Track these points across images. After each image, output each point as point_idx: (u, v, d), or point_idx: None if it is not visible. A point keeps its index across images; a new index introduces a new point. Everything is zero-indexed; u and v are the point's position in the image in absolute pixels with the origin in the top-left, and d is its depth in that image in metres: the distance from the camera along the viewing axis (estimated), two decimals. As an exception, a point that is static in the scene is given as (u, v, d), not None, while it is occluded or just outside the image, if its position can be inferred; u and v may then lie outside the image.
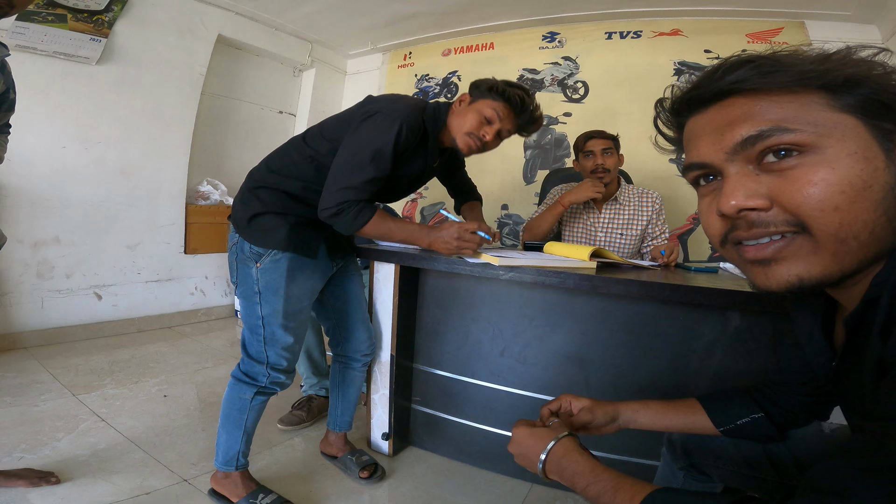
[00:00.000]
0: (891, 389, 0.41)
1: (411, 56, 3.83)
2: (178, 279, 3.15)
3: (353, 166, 1.20)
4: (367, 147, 1.20)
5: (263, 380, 1.28)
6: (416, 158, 1.34)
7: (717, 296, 1.07)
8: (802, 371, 0.73)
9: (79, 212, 2.66)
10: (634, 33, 3.00)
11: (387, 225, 1.27)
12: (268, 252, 1.25)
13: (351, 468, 1.50)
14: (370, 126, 1.22)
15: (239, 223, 1.28)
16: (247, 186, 1.32)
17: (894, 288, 0.44)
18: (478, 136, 1.32)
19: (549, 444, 0.68)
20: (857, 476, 0.39)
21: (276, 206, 1.27)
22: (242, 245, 1.27)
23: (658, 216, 1.95)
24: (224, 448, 1.30)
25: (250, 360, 1.29)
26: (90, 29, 2.48)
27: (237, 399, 1.29)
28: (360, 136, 1.22)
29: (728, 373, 1.25)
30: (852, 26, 2.54)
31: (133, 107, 2.80)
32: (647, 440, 1.33)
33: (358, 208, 1.21)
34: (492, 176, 3.43)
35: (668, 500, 0.54)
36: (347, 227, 1.23)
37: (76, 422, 1.70)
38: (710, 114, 0.51)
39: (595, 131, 1.92)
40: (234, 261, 1.30)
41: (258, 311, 1.26)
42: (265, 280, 1.25)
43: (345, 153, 1.22)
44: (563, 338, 1.42)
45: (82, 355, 2.42)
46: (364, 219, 1.22)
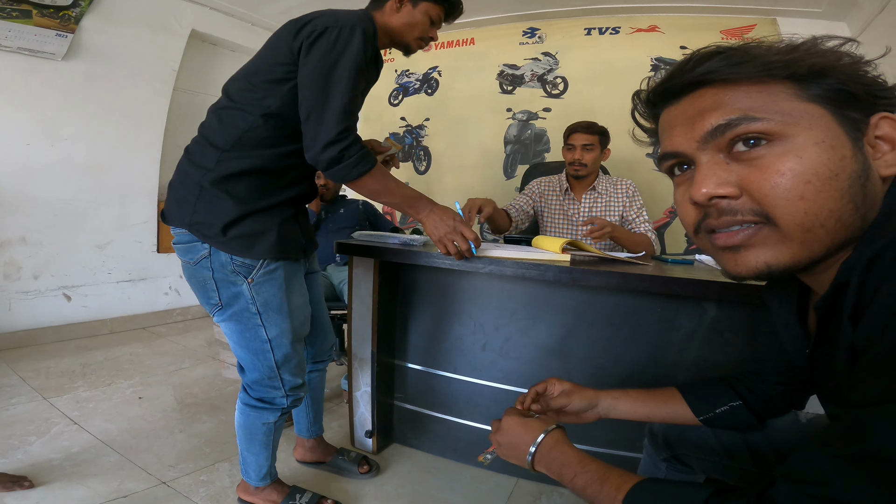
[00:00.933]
0: (863, 375, 0.41)
1: (391, 51, 3.78)
2: (152, 279, 3.07)
3: (334, 95, 1.01)
4: (340, 68, 1.02)
5: (284, 402, 1.17)
6: (371, 68, 1.18)
7: (693, 286, 1.08)
8: (779, 360, 0.74)
9: (46, 210, 2.57)
10: (613, 29, 3.03)
11: (388, 179, 1.11)
12: (258, 263, 1.06)
13: (347, 467, 1.48)
14: (327, 44, 1.02)
15: (208, 233, 1.03)
16: (200, 179, 1.04)
17: (863, 273, 0.44)
18: (428, 37, 1.27)
19: (539, 435, 0.69)
20: (836, 465, 0.39)
21: (257, 199, 1.06)
22: (218, 257, 1.04)
23: (632, 201, 1.97)
24: (255, 468, 1.24)
25: (262, 387, 1.15)
26: (56, 25, 2.42)
27: (260, 425, 1.18)
28: (323, 59, 1.02)
29: (706, 363, 1.27)
30: (823, 23, 2.61)
31: (101, 103, 2.72)
32: (629, 432, 1.35)
33: (361, 153, 1.04)
34: (472, 171, 3.43)
35: (653, 489, 0.55)
36: (346, 175, 1.04)
37: (48, 425, 1.66)
38: (683, 105, 0.51)
39: (581, 125, 1.94)
40: (210, 279, 1.06)
41: (262, 335, 1.10)
42: (263, 297, 1.08)
43: (316, 83, 1.02)
44: (545, 331, 1.42)
45: (53, 358, 2.35)
46: (367, 166, 1.05)
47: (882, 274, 0.43)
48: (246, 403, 1.18)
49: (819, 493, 0.39)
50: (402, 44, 1.25)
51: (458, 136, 3.49)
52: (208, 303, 1.10)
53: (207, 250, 1.05)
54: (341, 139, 1.01)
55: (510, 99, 3.31)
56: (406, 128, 3.70)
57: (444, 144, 3.55)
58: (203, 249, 1.05)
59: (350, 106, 1.03)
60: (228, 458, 1.54)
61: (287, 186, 1.12)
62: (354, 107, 1.05)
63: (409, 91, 3.70)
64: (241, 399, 1.19)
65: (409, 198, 1.16)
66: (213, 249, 1.04)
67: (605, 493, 0.57)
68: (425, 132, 3.62)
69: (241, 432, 1.21)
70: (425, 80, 3.62)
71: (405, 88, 3.71)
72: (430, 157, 3.61)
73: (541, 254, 1.32)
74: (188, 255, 1.07)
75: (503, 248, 1.39)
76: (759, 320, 1.20)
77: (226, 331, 1.13)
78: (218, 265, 1.05)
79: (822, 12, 2.56)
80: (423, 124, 3.63)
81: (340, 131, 1.01)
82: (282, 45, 1.07)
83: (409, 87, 3.69)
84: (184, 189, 1.07)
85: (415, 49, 1.28)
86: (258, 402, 1.17)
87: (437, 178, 3.59)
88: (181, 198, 1.07)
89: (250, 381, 1.16)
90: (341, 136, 1.01)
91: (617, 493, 0.56)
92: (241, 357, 1.15)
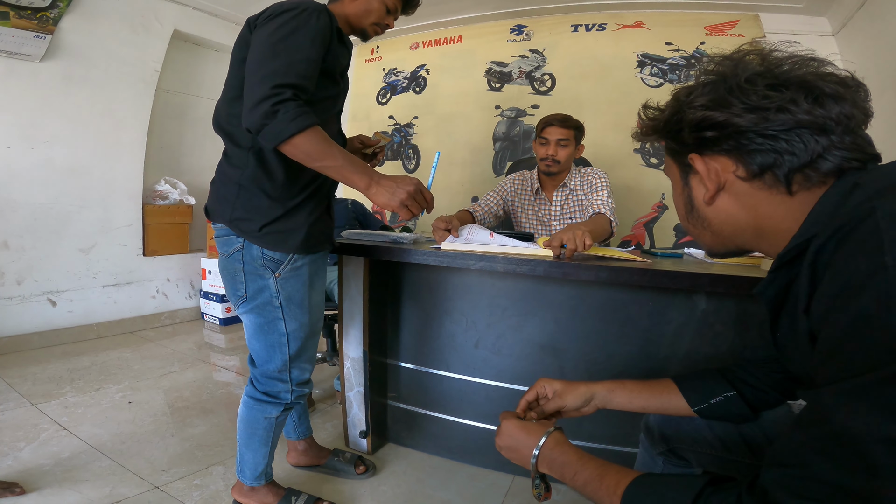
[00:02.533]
0: (820, 359, 0.44)
1: (379, 50, 3.78)
2: (138, 282, 3.03)
3: (280, 57, 0.96)
4: (292, 38, 0.98)
5: (288, 397, 1.20)
6: (337, 45, 1.13)
7: (683, 279, 1.09)
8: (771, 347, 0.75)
9: (27, 214, 2.52)
10: (599, 26, 3.04)
11: (328, 142, 1.00)
12: (287, 258, 1.12)
13: (343, 468, 1.48)
14: (281, 21, 1.00)
15: (245, 228, 1.09)
16: (238, 178, 1.09)
17: (811, 265, 0.48)
18: (384, 24, 1.26)
19: (541, 438, 0.70)
20: (811, 445, 0.42)
21: (290, 195, 1.10)
22: (251, 251, 1.10)
23: (593, 188, 1.84)
24: (251, 465, 1.24)
25: (270, 380, 1.19)
26: (34, 26, 2.37)
27: (262, 419, 1.20)
28: (275, 32, 0.99)
29: (697, 356, 1.28)
30: (804, 18, 2.65)
31: (81, 105, 2.67)
32: (625, 427, 1.36)
33: (300, 110, 0.95)
34: (462, 168, 3.43)
35: (650, 482, 0.56)
36: (280, 131, 0.94)
37: (37, 431, 1.64)
38: None
39: (556, 118, 1.83)
40: (240, 271, 1.12)
41: (281, 328, 1.15)
42: (287, 292, 1.13)
43: (261, 49, 0.98)
44: (537, 327, 1.43)
45: (39, 364, 2.31)
46: (305, 122, 0.95)
47: (825, 261, 0.46)
48: (251, 396, 1.21)
49: (801, 474, 0.41)
50: (359, 29, 1.25)
51: (446, 134, 3.48)
52: (235, 294, 1.16)
53: (241, 243, 1.11)
54: (276, 94, 0.93)
55: (498, 96, 3.31)
56: (394, 126, 3.69)
57: (433, 142, 3.54)
58: (237, 243, 1.11)
59: (297, 67, 0.97)
60: (221, 461, 1.53)
61: (316, 176, 1.13)
62: (305, 71, 0.99)
63: (397, 89, 3.68)
64: (247, 392, 1.22)
65: (353, 162, 1.03)
66: (246, 243, 1.10)
67: (604, 488, 0.59)
68: (414, 130, 3.61)
69: (242, 426, 1.23)
70: (413, 78, 3.61)
71: (393, 87, 3.70)
72: (419, 155, 3.60)
73: (523, 248, 1.32)
74: (224, 248, 1.14)
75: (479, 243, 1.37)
76: (748, 312, 1.22)
77: (246, 322, 1.18)
78: (249, 258, 1.11)
79: (803, 7, 2.60)
80: (411, 122, 3.62)
81: (275, 85, 0.94)
82: (243, 43, 1.08)
83: (397, 86, 3.68)
84: (224, 188, 1.13)
85: (371, 35, 1.27)
86: (264, 396, 1.20)
87: (426, 175, 3.57)
88: (222, 196, 1.13)
89: (260, 373, 1.20)
90: (276, 92, 0.93)
91: (616, 489, 0.57)
92: (255, 349, 1.19)
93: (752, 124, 0.51)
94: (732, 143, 0.53)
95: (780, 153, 0.51)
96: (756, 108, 0.51)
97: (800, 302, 0.50)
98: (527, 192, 1.99)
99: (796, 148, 0.50)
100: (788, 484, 0.42)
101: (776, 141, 0.51)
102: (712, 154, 0.56)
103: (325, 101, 1.14)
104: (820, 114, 0.49)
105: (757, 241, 0.59)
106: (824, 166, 0.50)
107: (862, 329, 0.40)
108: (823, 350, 0.44)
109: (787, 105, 0.49)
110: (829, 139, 0.49)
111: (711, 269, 1.18)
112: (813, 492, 0.40)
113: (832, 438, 0.40)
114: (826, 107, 0.49)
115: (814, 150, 0.49)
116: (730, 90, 0.52)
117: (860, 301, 0.40)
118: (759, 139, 0.51)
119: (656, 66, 2.89)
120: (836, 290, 0.43)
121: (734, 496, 0.47)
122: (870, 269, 0.40)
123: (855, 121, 0.50)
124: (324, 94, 1.12)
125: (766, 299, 0.59)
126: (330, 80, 1.14)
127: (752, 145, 0.52)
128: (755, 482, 0.46)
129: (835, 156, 0.50)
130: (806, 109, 0.49)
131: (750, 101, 0.51)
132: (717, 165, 0.56)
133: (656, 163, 2.86)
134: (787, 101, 0.49)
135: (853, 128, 0.50)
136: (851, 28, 2.46)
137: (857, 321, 0.40)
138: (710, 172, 0.56)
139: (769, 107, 0.50)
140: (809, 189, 0.52)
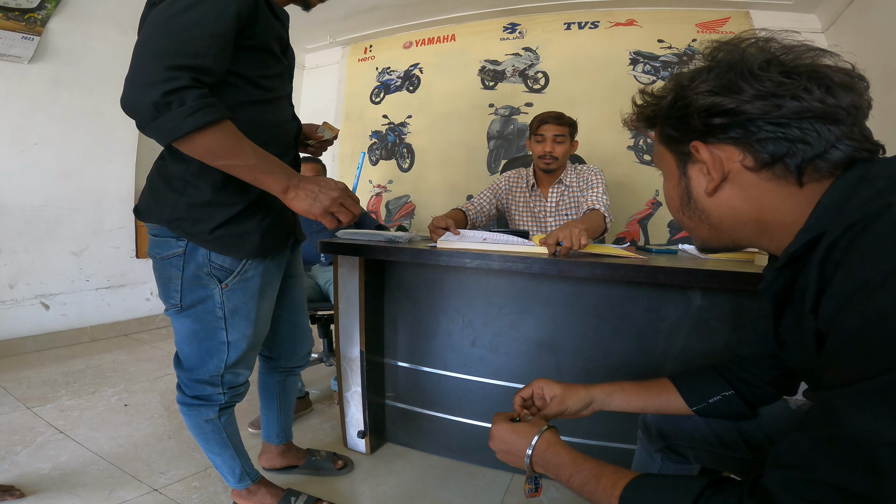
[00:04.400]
0: (829, 359, 0.43)
1: (372, 49, 3.77)
2: (132, 285, 3.01)
3: (173, 34, 0.79)
4: (187, 13, 0.81)
5: (221, 398, 1.12)
6: (268, 18, 0.98)
7: (678, 275, 1.10)
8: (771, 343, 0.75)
9: (18, 218, 2.49)
10: (592, 24, 3.05)
11: (237, 138, 0.85)
12: (238, 267, 1.00)
13: (323, 466, 1.48)
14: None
15: (191, 230, 0.95)
16: (183, 172, 0.94)
17: (821, 263, 0.46)
18: None
19: (532, 439, 0.69)
20: (818, 447, 0.40)
21: (240, 189, 0.95)
22: (195, 258, 0.97)
23: (589, 184, 1.87)
24: (227, 469, 1.20)
25: (198, 384, 1.09)
26: (22, 27, 2.35)
27: (203, 423, 1.13)
28: (166, 9, 0.83)
29: (693, 352, 1.29)
30: (794, 15, 2.67)
31: (71, 106, 2.65)
32: (623, 424, 1.37)
33: (203, 101, 0.79)
34: (456, 167, 3.43)
35: (648, 483, 0.56)
36: (174, 126, 0.78)
37: (33, 435, 1.63)
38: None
39: (550, 115, 1.85)
40: (176, 278, 0.99)
41: (221, 337, 1.05)
42: (233, 303, 1.03)
43: (149, 28, 0.83)
44: (533, 325, 1.43)
45: (33, 367, 2.30)
46: (209, 116, 0.79)
47: (837, 259, 0.44)
48: (182, 403, 1.13)
49: (808, 477, 0.40)
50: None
51: (440, 133, 3.48)
52: (167, 300, 1.03)
53: (182, 248, 0.97)
54: (170, 78, 0.76)
55: (492, 94, 3.31)
56: (388, 125, 3.68)
57: (427, 141, 3.54)
58: (177, 247, 0.97)
59: (196, 44, 0.80)
60: (219, 463, 1.52)
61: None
62: (207, 49, 0.82)
63: (390, 89, 3.67)
64: (178, 399, 1.14)
65: (267, 162, 0.88)
66: (190, 247, 0.97)
67: (602, 490, 0.58)
68: (408, 129, 3.61)
69: (193, 433, 1.16)
70: (406, 77, 3.60)
71: (386, 86, 3.69)
72: (414, 155, 3.60)
73: (518, 246, 1.32)
74: (158, 250, 1.00)
75: (473, 241, 1.38)
76: (743, 308, 1.23)
77: (177, 325, 1.06)
78: (192, 266, 0.98)
79: (793, 4, 2.62)
80: (405, 121, 3.61)
81: (168, 67, 0.76)
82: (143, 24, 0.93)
83: (391, 85, 3.67)
84: (164, 184, 0.97)
85: (314, 2, 1.12)
86: (194, 400, 1.12)
87: (420, 174, 3.58)
88: (160, 193, 0.97)
89: (188, 377, 1.10)
90: (170, 76, 0.76)
91: (613, 490, 0.56)
92: (186, 353, 1.08)
93: (764, 112, 0.49)
94: (741, 130, 0.51)
95: (792, 142, 0.49)
96: (769, 94, 0.48)
97: (807, 300, 0.48)
98: (522, 189, 2.00)
99: (810, 137, 0.48)
100: (792, 486, 0.41)
101: (788, 129, 0.48)
102: (717, 142, 0.53)
103: (272, 80, 1.01)
104: (832, 103, 0.47)
105: (758, 235, 0.56)
106: (835, 156, 0.48)
107: (875, 330, 0.38)
108: (833, 350, 0.43)
109: (801, 93, 0.48)
110: (840, 129, 0.48)
111: (706, 264, 1.19)
112: (818, 494, 0.40)
113: (839, 441, 0.39)
114: (837, 96, 0.48)
115: (827, 140, 0.48)
116: (741, 75, 0.50)
117: (874, 301, 0.39)
118: (769, 127, 0.49)
119: (649, 63, 2.91)
120: (848, 290, 0.41)
121: (735, 498, 0.46)
122: (886, 269, 0.38)
123: (862, 112, 0.49)
124: (269, 72, 0.99)
125: (772, 295, 0.58)
126: (271, 57, 1.00)
127: (761, 133, 0.50)
128: (757, 483, 0.45)
129: (846, 146, 0.48)
130: (818, 98, 0.47)
131: (764, 87, 0.49)
132: (722, 154, 0.53)
133: (650, 160, 2.88)
134: (801, 90, 0.48)
135: (860, 119, 0.49)
136: (841, 24, 2.48)
137: (871, 322, 0.39)
138: (715, 161, 0.53)
139: (783, 94, 0.48)
140: (818, 181, 0.50)
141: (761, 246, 0.58)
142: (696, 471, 0.93)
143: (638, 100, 0.63)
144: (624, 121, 0.66)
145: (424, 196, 3.57)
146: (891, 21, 2.14)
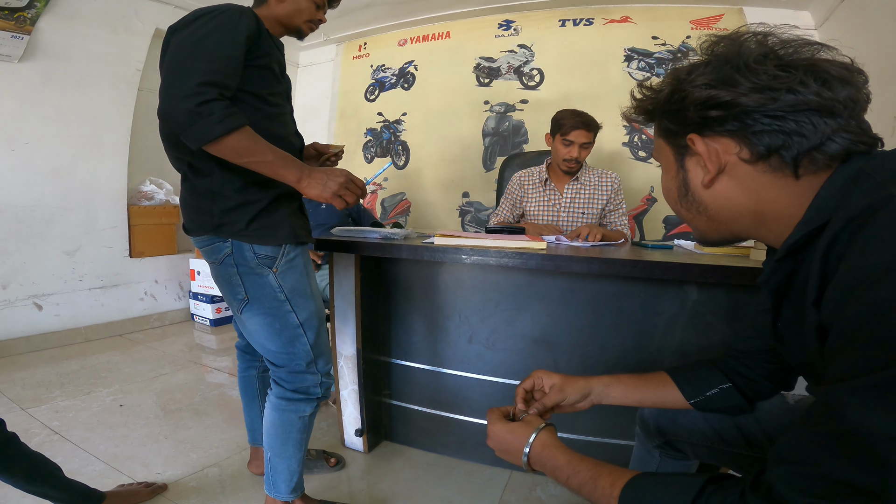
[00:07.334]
0: (831, 353, 0.43)
1: (366, 46, 3.75)
2: (125, 284, 2.98)
3: (198, 58, 0.94)
4: (208, 39, 0.97)
5: (318, 390, 1.17)
6: (269, 48, 1.11)
7: (674, 269, 1.10)
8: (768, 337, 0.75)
9: (9, 217, 2.46)
10: (587, 20, 3.05)
11: (257, 140, 0.98)
12: (280, 252, 1.10)
13: (315, 465, 1.48)
14: (196, 25, 0.99)
15: (231, 230, 1.07)
16: (209, 184, 1.07)
17: (823, 257, 0.46)
18: (317, 20, 1.24)
19: (528, 439, 0.68)
20: (820, 442, 0.40)
21: (262, 191, 1.08)
22: (242, 253, 1.08)
23: (616, 195, 1.99)
24: (286, 476, 1.18)
25: (298, 375, 1.15)
26: (11, 26, 2.33)
27: (296, 420, 1.16)
28: (190, 35, 0.98)
29: (689, 347, 1.30)
30: (787, 12, 2.68)
31: (62, 105, 2.62)
32: (620, 420, 1.37)
33: (228, 110, 0.93)
34: (452, 165, 3.43)
35: (648, 481, 0.55)
36: (208, 131, 0.92)
37: (28, 436, 1.61)
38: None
39: (582, 121, 1.85)
40: (235, 275, 1.09)
41: (293, 320, 1.12)
42: (289, 284, 1.11)
43: (178, 51, 0.97)
44: (530, 321, 1.43)
45: (27, 368, 2.28)
46: (235, 122, 0.93)
47: (840, 251, 0.44)
48: (282, 398, 1.16)
49: (812, 472, 0.40)
50: (293, 29, 1.23)
51: (436, 130, 3.48)
52: (235, 298, 1.12)
53: (230, 247, 1.08)
54: (201, 93, 0.91)
55: (487, 91, 3.31)
56: (383, 123, 3.67)
57: (423, 138, 3.53)
58: (225, 248, 1.08)
59: (219, 65, 0.95)
60: (217, 463, 1.51)
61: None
62: (226, 69, 0.97)
63: (385, 86, 3.66)
64: (276, 394, 1.17)
65: (283, 157, 1.02)
66: (235, 245, 1.08)
67: (600, 491, 0.58)
68: (403, 127, 3.60)
69: (274, 434, 1.17)
70: (401, 74, 3.59)
71: (381, 83, 3.68)
72: (409, 152, 3.59)
73: (516, 242, 1.32)
74: (212, 256, 1.11)
75: (470, 238, 1.38)
76: (739, 303, 1.24)
77: (254, 327, 1.14)
78: (242, 261, 1.09)
79: (787, 1, 2.63)
80: (400, 119, 3.60)
81: (200, 83, 0.91)
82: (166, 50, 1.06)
83: (386, 82, 3.66)
84: (198, 201, 1.09)
85: (307, 32, 1.25)
86: (295, 394, 1.16)
87: (416, 172, 3.57)
88: (198, 209, 1.09)
89: (286, 372, 1.16)
90: (201, 90, 0.91)
91: (612, 490, 0.56)
92: (273, 351, 1.14)
93: (759, 104, 0.49)
94: (737, 123, 0.51)
95: (788, 134, 0.49)
96: (765, 87, 0.49)
97: (809, 293, 0.48)
98: (535, 184, 2.04)
99: (805, 129, 0.48)
100: (796, 481, 0.41)
101: (784, 122, 0.49)
102: (714, 135, 0.54)
103: (277, 97, 1.13)
104: (828, 96, 0.48)
105: (756, 227, 0.57)
106: (832, 148, 0.49)
107: (878, 323, 0.38)
108: (836, 344, 0.43)
109: (797, 86, 0.48)
110: (837, 122, 0.48)
111: (701, 259, 1.19)
112: (822, 490, 0.39)
113: (843, 436, 0.38)
114: (834, 90, 0.48)
115: (823, 133, 0.48)
116: (737, 69, 0.50)
117: (878, 294, 0.38)
118: (765, 119, 0.49)
119: (643, 60, 2.91)
120: (852, 283, 0.41)
121: (737, 494, 0.45)
122: (888, 261, 0.38)
123: (859, 105, 0.49)
124: (273, 90, 1.11)
125: (771, 288, 0.58)
126: (273, 77, 1.12)
127: (757, 126, 0.50)
128: (759, 479, 0.45)
129: (843, 138, 0.48)
130: (815, 91, 0.48)
131: (760, 80, 0.49)
132: (719, 147, 0.53)
133: (645, 156, 2.88)
134: (797, 83, 0.48)
135: (858, 112, 0.49)
136: (834, 21, 2.50)
137: (875, 315, 0.38)
138: (711, 154, 0.54)
139: (779, 87, 0.48)
140: (815, 173, 0.50)
141: (760, 238, 0.58)
142: (695, 467, 0.93)
143: (636, 93, 0.63)
144: (623, 114, 0.66)
145: (420, 193, 3.57)
146: (884, 17, 2.15)
